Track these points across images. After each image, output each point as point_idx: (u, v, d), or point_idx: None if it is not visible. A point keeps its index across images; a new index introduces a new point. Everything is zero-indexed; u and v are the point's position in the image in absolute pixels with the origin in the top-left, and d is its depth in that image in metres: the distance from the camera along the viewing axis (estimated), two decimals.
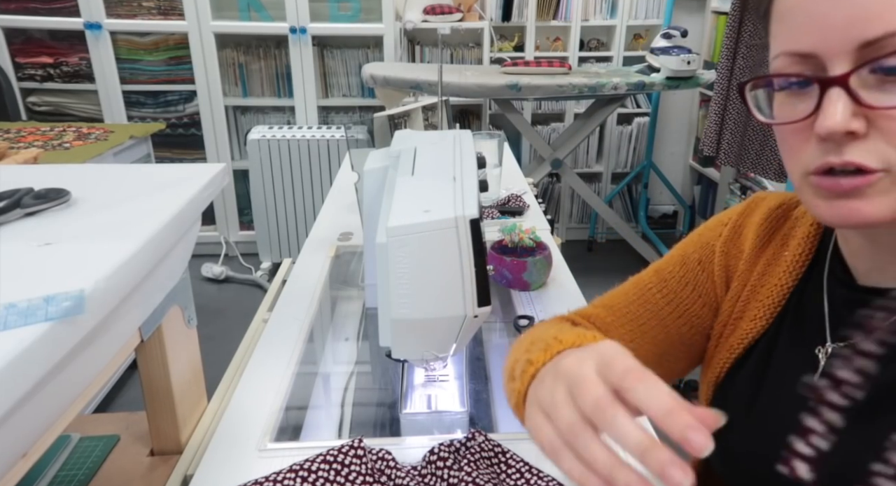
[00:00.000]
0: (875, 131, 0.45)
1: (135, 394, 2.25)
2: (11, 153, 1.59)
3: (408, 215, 0.73)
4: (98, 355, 0.63)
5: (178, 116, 3.31)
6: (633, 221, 3.76)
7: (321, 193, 3.14)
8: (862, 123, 0.45)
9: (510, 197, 1.72)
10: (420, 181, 0.84)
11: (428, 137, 1.02)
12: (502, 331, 1.16)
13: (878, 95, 0.44)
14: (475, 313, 0.77)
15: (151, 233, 0.66)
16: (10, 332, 0.47)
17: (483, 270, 0.76)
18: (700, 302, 0.69)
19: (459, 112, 3.53)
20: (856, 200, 0.46)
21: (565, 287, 1.27)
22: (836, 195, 0.47)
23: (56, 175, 0.83)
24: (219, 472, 0.78)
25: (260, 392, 0.93)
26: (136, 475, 0.87)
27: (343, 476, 0.72)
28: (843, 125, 0.44)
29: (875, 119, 0.44)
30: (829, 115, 0.45)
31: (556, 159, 3.03)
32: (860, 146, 0.45)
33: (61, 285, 0.53)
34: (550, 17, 3.42)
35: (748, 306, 0.64)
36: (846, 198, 0.46)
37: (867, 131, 0.45)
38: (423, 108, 2.13)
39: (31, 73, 3.13)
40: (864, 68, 0.44)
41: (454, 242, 0.73)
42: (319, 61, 3.27)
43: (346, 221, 1.57)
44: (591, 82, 2.72)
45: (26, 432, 0.53)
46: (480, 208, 0.79)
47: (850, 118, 0.44)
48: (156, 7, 3.11)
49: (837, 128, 0.44)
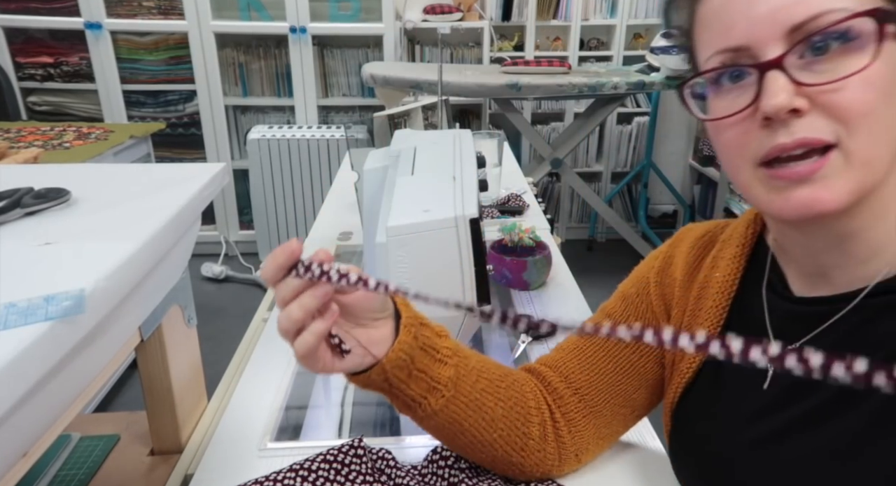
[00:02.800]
0: (816, 110, 0.46)
1: (135, 394, 2.25)
2: (11, 153, 1.59)
3: (407, 215, 0.73)
4: (98, 355, 0.63)
5: (178, 116, 3.31)
6: (632, 221, 3.76)
7: (321, 193, 3.14)
8: (805, 101, 0.46)
9: (510, 197, 1.72)
10: (420, 181, 0.84)
11: (428, 136, 1.02)
12: (502, 331, 1.16)
13: (812, 75, 0.45)
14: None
15: (151, 233, 0.66)
16: (10, 332, 0.47)
17: (483, 269, 0.76)
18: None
19: (459, 112, 3.53)
20: (814, 187, 0.46)
21: (565, 287, 1.27)
22: (794, 184, 0.47)
23: (56, 175, 0.83)
24: (219, 472, 0.78)
25: (260, 392, 0.93)
26: (136, 475, 0.87)
27: (343, 476, 0.72)
28: (788, 102, 0.45)
29: (815, 97, 0.46)
30: (772, 94, 0.46)
31: (555, 159, 3.03)
32: (805, 123, 0.46)
33: (61, 285, 0.53)
34: (550, 16, 3.42)
35: (690, 330, 0.65)
36: (803, 185, 0.47)
37: (809, 110, 0.46)
38: (422, 107, 2.13)
39: (31, 73, 3.13)
40: (796, 50, 0.45)
41: (454, 241, 0.73)
42: (319, 61, 3.27)
43: (346, 221, 1.57)
44: (591, 82, 2.72)
45: (26, 431, 0.53)
46: (480, 208, 0.79)
47: (793, 95, 0.46)
48: (156, 7, 3.11)
49: (784, 104, 0.45)
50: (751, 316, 0.61)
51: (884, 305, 0.50)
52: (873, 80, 0.44)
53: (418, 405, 0.62)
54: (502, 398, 0.66)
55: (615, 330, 0.41)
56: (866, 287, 0.51)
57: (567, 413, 0.71)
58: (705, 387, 0.64)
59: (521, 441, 0.68)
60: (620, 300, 0.74)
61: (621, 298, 0.74)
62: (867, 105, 0.45)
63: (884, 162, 0.47)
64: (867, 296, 0.51)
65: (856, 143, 0.45)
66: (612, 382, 0.71)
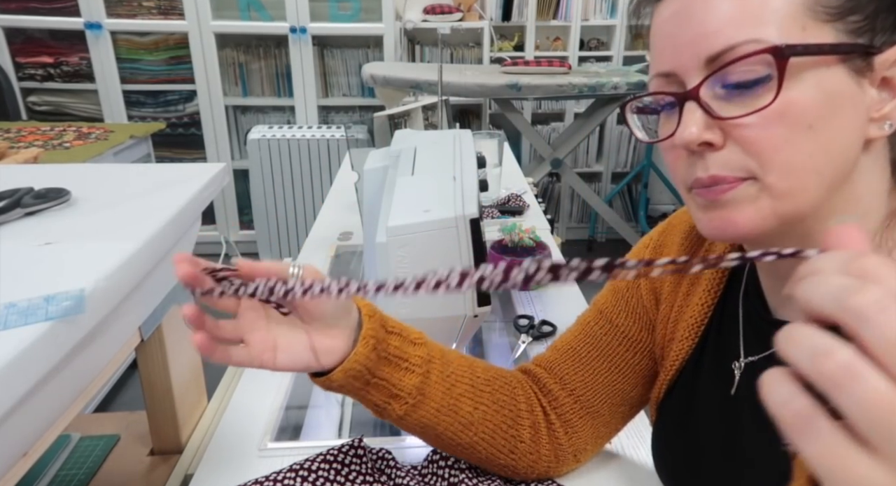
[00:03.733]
0: (731, 142, 0.46)
1: (135, 394, 2.25)
2: (11, 153, 1.59)
3: (408, 215, 0.73)
4: (98, 355, 0.63)
5: (178, 116, 3.30)
6: (632, 221, 3.76)
7: (321, 193, 3.14)
8: (718, 135, 0.46)
9: (510, 197, 1.72)
10: (420, 181, 0.84)
11: (428, 136, 1.02)
12: (502, 331, 1.16)
13: (727, 107, 0.45)
14: (475, 313, 0.77)
15: (151, 233, 0.66)
16: (10, 332, 0.48)
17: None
18: (637, 326, 0.71)
19: (459, 112, 3.53)
20: (728, 210, 0.47)
21: (565, 287, 1.27)
22: (713, 206, 0.48)
23: (56, 175, 0.84)
24: (219, 472, 0.78)
25: (260, 392, 0.93)
26: (136, 475, 0.87)
27: (343, 476, 0.72)
28: (697, 136, 0.46)
29: (730, 130, 0.45)
30: (684, 125, 0.46)
31: (555, 159, 3.03)
32: (720, 158, 0.46)
33: (61, 285, 0.53)
34: (550, 16, 3.42)
35: (677, 326, 0.65)
36: (720, 208, 0.47)
37: (724, 142, 0.46)
38: (422, 107, 2.13)
39: (31, 73, 3.13)
40: (712, 81, 0.45)
41: (454, 241, 0.73)
42: (319, 61, 3.27)
43: (346, 221, 1.57)
44: (591, 82, 2.72)
45: (27, 431, 0.53)
46: (480, 208, 0.79)
47: (703, 130, 0.46)
48: (156, 7, 3.11)
49: (692, 138, 0.46)
50: (729, 318, 0.61)
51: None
52: (785, 114, 0.43)
53: (383, 410, 0.62)
54: (484, 402, 0.66)
55: (623, 263, 0.37)
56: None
57: (563, 415, 0.71)
58: (685, 384, 0.65)
59: (510, 444, 0.68)
60: (612, 294, 0.74)
61: (613, 292, 0.74)
62: (775, 140, 0.44)
63: (808, 191, 0.45)
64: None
65: (771, 177, 0.45)
66: (608, 382, 0.71)
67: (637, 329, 0.70)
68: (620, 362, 0.71)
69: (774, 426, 0.27)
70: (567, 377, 0.72)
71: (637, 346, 0.70)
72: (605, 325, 0.72)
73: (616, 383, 0.71)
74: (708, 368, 0.62)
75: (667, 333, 0.67)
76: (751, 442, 0.55)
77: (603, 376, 0.71)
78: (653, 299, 0.70)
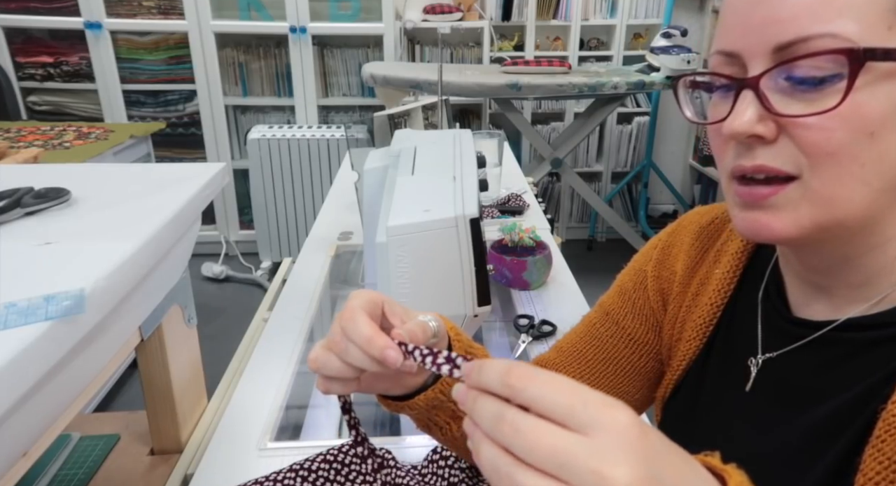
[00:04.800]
0: (786, 137, 0.44)
1: (135, 394, 2.25)
2: (11, 153, 1.58)
3: (408, 215, 0.73)
4: (98, 355, 0.63)
5: (178, 116, 3.31)
6: (633, 221, 3.76)
7: (321, 193, 3.14)
8: (771, 129, 0.44)
9: (510, 196, 1.72)
10: (420, 181, 0.84)
11: (428, 136, 1.02)
12: (502, 330, 1.16)
13: (788, 102, 0.43)
14: (475, 313, 0.77)
15: (151, 232, 0.66)
16: (10, 331, 0.48)
17: (483, 269, 0.76)
18: (643, 328, 0.69)
19: (459, 111, 3.53)
20: (766, 214, 0.45)
21: (565, 287, 1.27)
22: (751, 206, 0.46)
23: (56, 175, 0.84)
24: (219, 471, 0.78)
25: (260, 392, 0.93)
26: (136, 475, 0.87)
27: (343, 476, 0.72)
28: (748, 128, 0.43)
29: (786, 126, 0.43)
30: (736, 115, 0.44)
31: (556, 159, 3.03)
32: (770, 150, 0.44)
33: (61, 285, 0.53)
34: (550, 16, 3.41)
35: (685, 326, 0.64)
36: (758, 210, 0.46)
37: (777, 137, 0.44)
38: (423, 107, 2.13)
39: (31, 73, 3.13)
40: (776, 73, 0.43)
41: (454, 241, 0.73)
42: (319, 61, 3.27)
43: (346, 221, 1.57)
44: (591, 82, 2.72)
45: (26, 431, 0.53)
46: (480, 208, 0.79)
47: (755, 122, 0.43)
48: (156, 6, 3.11)
49: (741, 129, 0.44)
50: (743, 318, 0.60)
51: (866, 340, 0.48)
52: (849, 118, 0.41)
53: (439, 429, 0.61)
54: None
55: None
56: (836, 321, 0.50)
57: None
58: (691, 384, 0.64)
59: None
60: (619, 295, 0.73)
61: (619, 293, 0.73)
62: (831, 144, 0.42)
63: (852, 201, 0.43)
64: (845, 329, 0.49)
65: (817, 180, 0.43)
66: (612, 384, 0.70)
67: (643, 331, 0.69)
68: (626, 364, 0.70)
69: (796, 420, 0.28)
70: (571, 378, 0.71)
71: (643, 348, 0.70)
72: (611, 327, 0.71)
73: (622, 385, 0.70)
74: (716, 366, 0.61)
75: (674, 333, 0.66)
76: (767, 437, 0.54)
77: (608, 379, 0.70)
78: (660, 301, 0.69)
